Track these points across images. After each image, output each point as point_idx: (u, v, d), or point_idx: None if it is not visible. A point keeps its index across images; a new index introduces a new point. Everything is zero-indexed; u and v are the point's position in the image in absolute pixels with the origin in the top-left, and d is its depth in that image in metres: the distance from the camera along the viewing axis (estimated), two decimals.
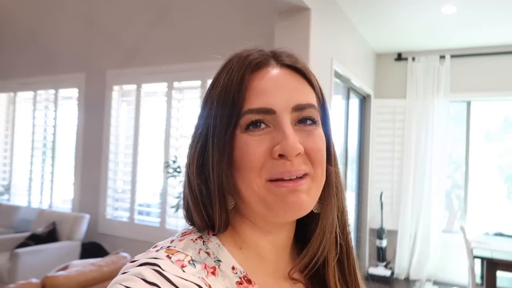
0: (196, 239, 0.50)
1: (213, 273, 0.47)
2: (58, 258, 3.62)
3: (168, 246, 0.47)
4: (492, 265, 3.05)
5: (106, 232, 4.11)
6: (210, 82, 0.53)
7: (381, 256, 4.67)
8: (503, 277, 3.27)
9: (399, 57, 4.83)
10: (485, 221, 4.59)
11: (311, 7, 2.80)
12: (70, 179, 4.46)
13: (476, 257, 3.19)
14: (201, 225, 0.51)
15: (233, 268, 0.49)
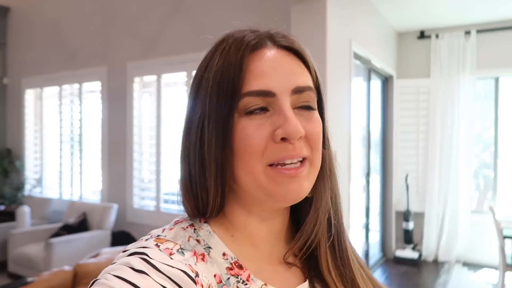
0: (187, 227, 0.50)
1: (202, 259, 0.47)
2: (90, 247, 3.76)
3: (158, 235, 0.48)
4: None
5: (134, 221, 4.23)
6: (201, 63, 0.51)
7: (408, 238, 4.62)
8: None
9: (422, 35, 4.69)
10: None
11: None
12: (98, 170, 4.59)
13: (506, 237, 3.12)
14: (191, 211, 0.51)
15: (223, 254, 0.49)
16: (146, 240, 0.47)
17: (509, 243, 3.34)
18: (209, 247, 0.49)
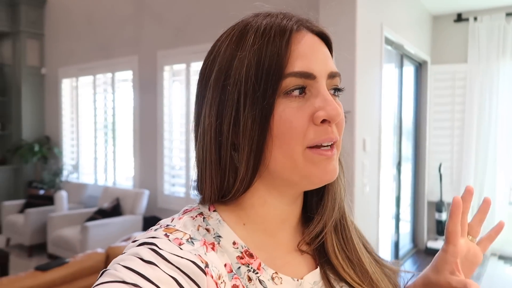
0: (196, 216, 0.50)
1: (212, 249, 0.47)
2: (122, 231, 3.90)
3: (167, 225, 0.48)
4: None
5: (164, 206, 4.33)
6: (223, 43, 0.50)
7: (440, 229, 4.49)
8: None
9: (459, 18, 4.47)
10: None
11: None
12: (131, 157, 4.73)
13: None
14: (211, 194, 0.50)
15: (234, 243, 0.49)
16: (156, 230, 0.47)
17: None
18: (219, 236, 0.49)
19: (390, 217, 4.00)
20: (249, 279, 0.47)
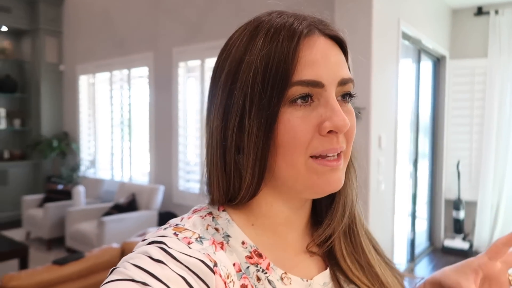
0: (205, 216, 0.50)
1: (221, 248, 0.47)
2: (138, 225, 3.95)
3: (177, 224, 0.48)
4: None
5: (179, 202, 4.37)
6: (233, 44, 0.49)
7: (458, 228, 4.41)
8: None
9: (480, 12, 4.36)
10: None
11: None
12: (146, 153, 4.78)
13: None
14: (218, 197, 0.51)
15: (243, 243, 0.49)
16: (165, 229, 0.47)
17: None
18: (228, 236, 0.49)
19: (406, 214, 3.95)
20: (258, 279, 0.47)
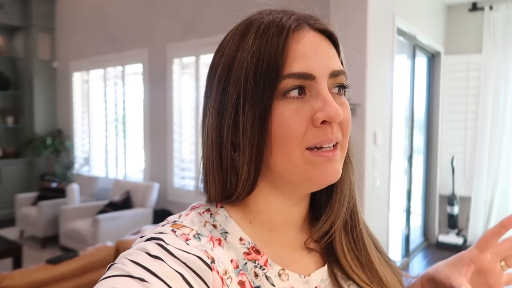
0: (203, 212, 0.51)
1: (219, 244, 0.47)
2: (133, 223, 3.93)
3: (175, 221, 0.48)
4: None
5: (174, 199, 4.36)
6: (226, 44, 0.50)
7: (452, 223, 4.44)
8: None
9: (474, 7, 4.37)
10: None
11: None
12: (141, 150, 4.75)
13: None
14: (215, 194, 0.51)
15: (241, 239, 0.49)
16: (163, 226, 0.47)
17: None
18: (226, 232, 0.49)
19: (401, 210, 3.96)
20: (256, 275, 0.47)
